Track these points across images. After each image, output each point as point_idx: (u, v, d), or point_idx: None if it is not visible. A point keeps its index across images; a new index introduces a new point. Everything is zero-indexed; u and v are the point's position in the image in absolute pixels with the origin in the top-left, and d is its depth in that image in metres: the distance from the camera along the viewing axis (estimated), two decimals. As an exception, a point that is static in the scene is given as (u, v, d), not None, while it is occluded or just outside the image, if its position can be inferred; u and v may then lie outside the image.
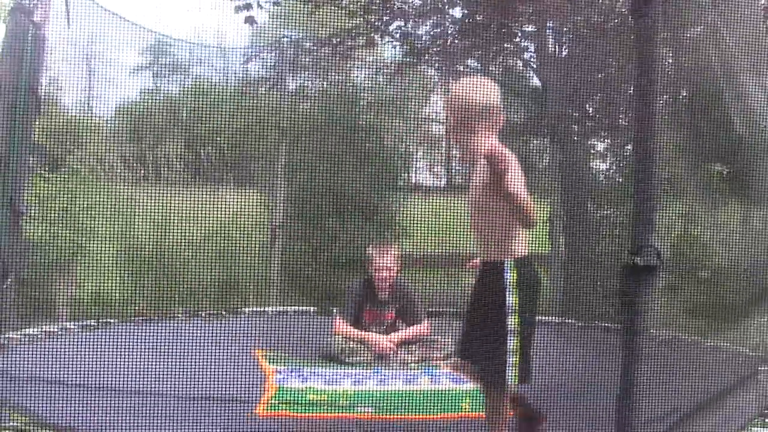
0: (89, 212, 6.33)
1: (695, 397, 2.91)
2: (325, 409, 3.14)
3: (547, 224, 5.61)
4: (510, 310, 2.45)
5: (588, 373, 3.37)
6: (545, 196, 6.15)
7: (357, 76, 8.08)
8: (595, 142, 6.43)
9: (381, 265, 4.47)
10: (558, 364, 2.72)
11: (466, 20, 7.74)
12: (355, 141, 6.99)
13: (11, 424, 2.74)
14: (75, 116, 7.36)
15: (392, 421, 3.03)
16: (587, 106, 6.05)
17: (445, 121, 2.66)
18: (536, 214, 2.43)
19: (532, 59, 8.16)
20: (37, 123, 4.54)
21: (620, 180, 6.98)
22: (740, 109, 3.30)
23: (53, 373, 3.15)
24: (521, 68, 8.57)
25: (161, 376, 3.06)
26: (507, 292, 2.45)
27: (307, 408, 3.15)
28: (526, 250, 2.53)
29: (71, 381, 3.04)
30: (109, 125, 7.53)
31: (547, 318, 5.20)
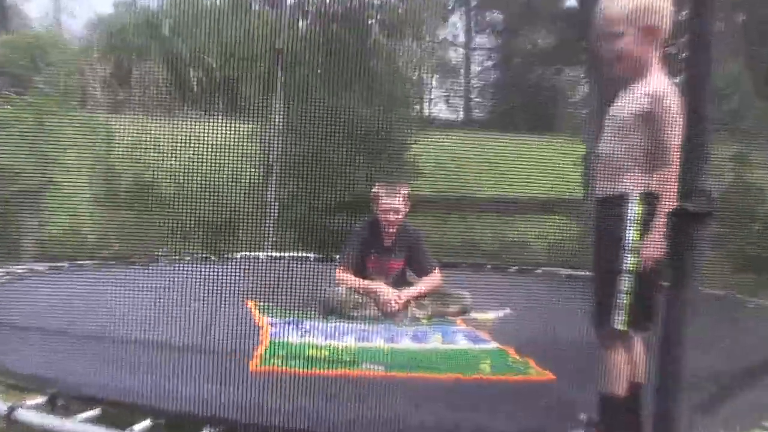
0: (60, 140, 6.27)
1: (744, 361, 2.89)
2: (326, 365, 3.13)
3: (582, 164, 5.49)
4: (629, 247, 2.40)
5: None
6: (580, 131, 6.05)
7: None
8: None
9: (388, 205, 4.42)
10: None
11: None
12: (363, 65, 6.87)
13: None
14: (43, 31, 7.26)
15: (403, 380, 3.02)
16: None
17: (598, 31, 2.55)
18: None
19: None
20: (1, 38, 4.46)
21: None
22: None
23: (20, 318, 3.15)
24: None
25: (139, 324, 3.05)
26: (628, 228, 2.40)
27: (305, 364, 3.14)
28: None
29: (39, 327, 3.03)
30: (81, 42, 7.43)
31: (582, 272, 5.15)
